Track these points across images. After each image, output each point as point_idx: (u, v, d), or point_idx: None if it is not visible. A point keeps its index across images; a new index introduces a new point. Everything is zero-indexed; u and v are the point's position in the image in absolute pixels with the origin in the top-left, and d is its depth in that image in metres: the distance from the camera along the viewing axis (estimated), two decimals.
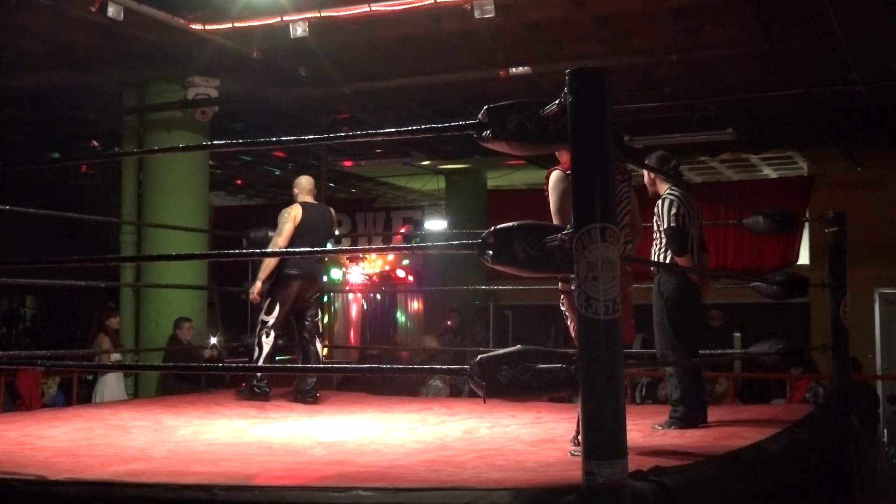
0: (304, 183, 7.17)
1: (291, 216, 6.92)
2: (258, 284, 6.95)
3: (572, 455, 4.16)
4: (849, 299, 6.02)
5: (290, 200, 7.11)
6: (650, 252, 5.65)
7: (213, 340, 8.44)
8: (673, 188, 5.49)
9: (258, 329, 6.94)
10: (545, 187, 4.42)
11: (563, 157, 4.42)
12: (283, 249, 6.84)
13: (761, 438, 4.54)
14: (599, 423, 2.87)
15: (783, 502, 4.35)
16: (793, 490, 4.53)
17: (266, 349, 6.88)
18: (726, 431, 5.00)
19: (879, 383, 10.71)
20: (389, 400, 7.93)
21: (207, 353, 8.28)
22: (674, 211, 5.40)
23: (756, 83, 9.97)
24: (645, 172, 5.66)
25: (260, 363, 6.87)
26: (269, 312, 6.91)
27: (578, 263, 2.93)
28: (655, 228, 5.52)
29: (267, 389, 6.88)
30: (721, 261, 12.94)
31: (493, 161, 13.65)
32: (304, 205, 7.01)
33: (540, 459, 4.05)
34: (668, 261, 5.45)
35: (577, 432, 4.37)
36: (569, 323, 4.40)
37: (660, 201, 5.47)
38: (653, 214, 5.57)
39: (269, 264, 6.93)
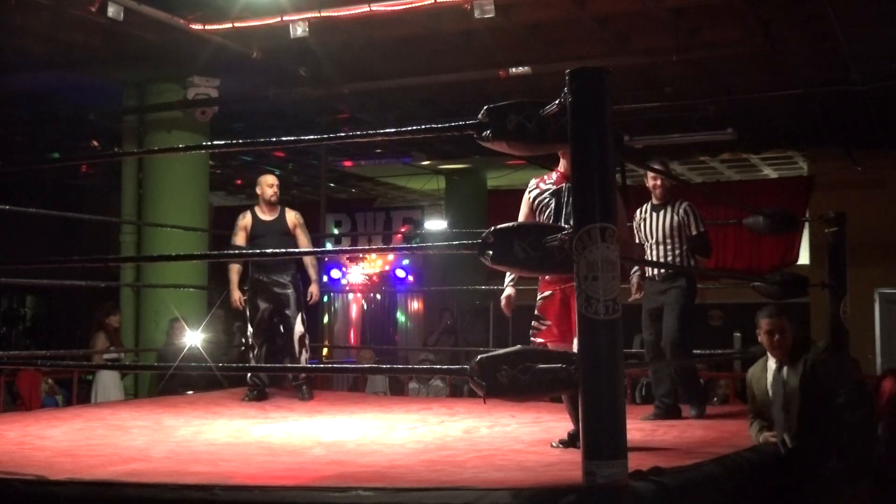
0: None
1: None
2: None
3: (552, 446, 4.28)
4: (849, 299, 6.02)
5: (290, 201, 7.13)
6: (652, 253, 5.77)
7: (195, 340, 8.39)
8: (679, 197, 5.85)
9: (304, 340, 6.97)
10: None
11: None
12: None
13: None
14: (599, 423, 2.87)
15: (783, 502, 4.35)
16: (792, 490, 4.52)
17: None
18: (726, 431, 5.00)
19: None
20: (389, 400, 7.95)
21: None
22: (699, 217, 5.79)
23: (756, 83, 9.97)
24: (665, 177, 5.88)
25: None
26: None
27: (578, 263, 2.93)
28: (668, 233, 5.74)
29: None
30: (721, 261, 12.93)
31: (493, 161, 13.64)
32: None
33: (540, 459, 4.06)
34: (691, 263, 5.78)
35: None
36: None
37: (686, 207, 5.78)
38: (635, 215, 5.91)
39: None
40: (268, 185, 7.04)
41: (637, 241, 5.90)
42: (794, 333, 4.74)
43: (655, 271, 5.77)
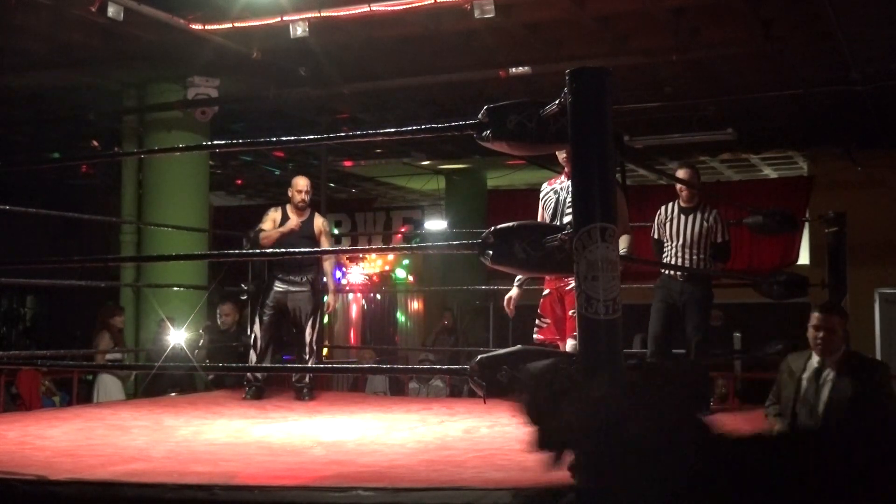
0: None
1: None
2: None
3: None
4: (849, 299, 6.03)
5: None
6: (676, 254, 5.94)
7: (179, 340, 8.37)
8: (708, 203, 6.05)
9: (312, 345, 7.04)
10: None
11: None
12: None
13: None
14: None
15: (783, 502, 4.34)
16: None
17: None
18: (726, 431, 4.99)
19: None
20: (389, 400, 7.95)
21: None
22: (726, 226, 6.02)
23: (756, 83, 9.97)
24: (694, 180, 6.10)
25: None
26: None
27: (578, 263, 2.92)
28: (696, 237, 5.94)
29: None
30: None
31: (493, 161, 13.65)
32: None
33: (540, 459, 4.05)
34: (710, 268, 6.00)
35: None
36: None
37: (716, 215, 5.97)
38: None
39: None
40: (297, 190, 7.03)
41: (657, 237, 6.06)
42: (846, 340, 4.46)
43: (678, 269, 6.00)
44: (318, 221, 7.09)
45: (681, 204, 6.04)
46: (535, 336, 4.61)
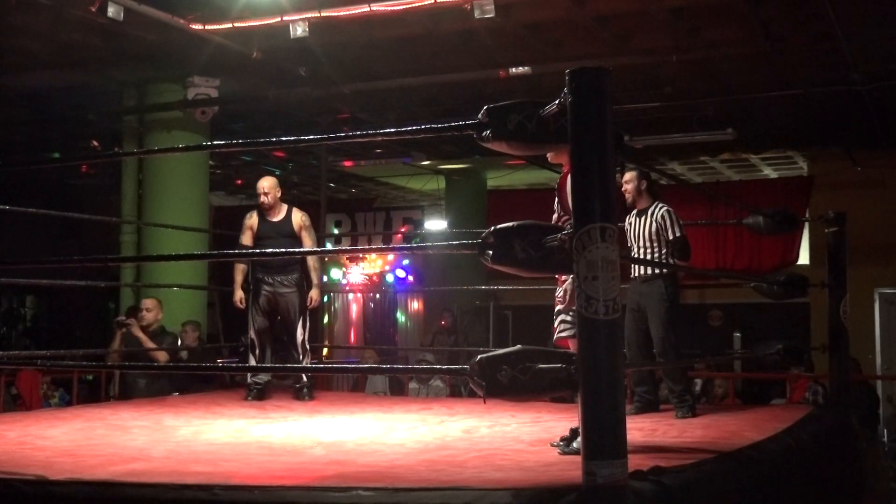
0: None
1: None
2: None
3: (562, 452, 4.23)
4: (849, 299, 6.02)
5: (290, 201, 7.11)
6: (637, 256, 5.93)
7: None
8: (661, 202, 5.98)
9: (305, 345, 6.99)
10: (560, 185, 4.42)
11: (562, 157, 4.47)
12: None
13: (761, 438, 4.54)
14: (599, 423, 2.87)
15: (783, 503, 4.34)
16: (792, 490, 4.52)
17: None
18: (726, 431, 5.00)
19: (879, 383, 10.70)
20: (389, 400, 7.94)
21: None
22: (680, 222, 5.92)
23: (756, 83, 9.97)
24: (633, 182, 5.99)
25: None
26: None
27: (578, 263, 2.92)
28: (648, 237, 5.91)
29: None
30: (721, 261, 12.95)
31: (493, 161, 13.66)
32: None
33: (540, 459, 4.05)
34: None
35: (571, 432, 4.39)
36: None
37: (664, 212, 5.90)
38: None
39: None
40: (258, 193, 6.95)
41: (628, 244, 6.04)
42: None
43: (638, 272, 5.95)
44: (297, 217, 6.93)
45: (636, 207, 6.06)
46: None
